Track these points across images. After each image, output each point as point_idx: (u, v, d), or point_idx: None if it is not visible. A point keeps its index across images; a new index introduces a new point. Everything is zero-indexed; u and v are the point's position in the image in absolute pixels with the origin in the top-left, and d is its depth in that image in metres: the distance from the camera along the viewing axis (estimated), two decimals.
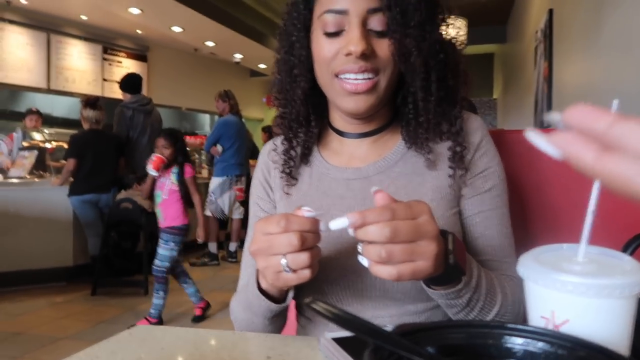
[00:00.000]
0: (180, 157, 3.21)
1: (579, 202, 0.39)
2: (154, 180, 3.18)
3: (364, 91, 0.70)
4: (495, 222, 0.75)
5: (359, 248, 0.55)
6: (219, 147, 4.93)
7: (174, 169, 3.17)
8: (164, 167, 3.14)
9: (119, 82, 4.62)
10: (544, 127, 3.93)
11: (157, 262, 3.10)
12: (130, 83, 4.52)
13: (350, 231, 0.54)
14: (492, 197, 0.76)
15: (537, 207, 0.91)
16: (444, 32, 0.74)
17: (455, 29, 0.77)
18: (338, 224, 0.54)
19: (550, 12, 3.76)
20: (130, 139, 4.40)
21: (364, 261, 0.55)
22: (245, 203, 3.74)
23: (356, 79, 0.69)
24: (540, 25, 4.11)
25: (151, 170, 3.08)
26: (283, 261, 0.57)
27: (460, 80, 0.75)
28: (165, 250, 3.11)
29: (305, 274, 0.57)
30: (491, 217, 0.75)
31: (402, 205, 0.54)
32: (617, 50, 2.28)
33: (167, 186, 3.14)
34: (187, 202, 3.22)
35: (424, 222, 0.55)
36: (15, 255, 3.96)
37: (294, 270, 0.57)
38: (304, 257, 0.56)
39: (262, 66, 8.94)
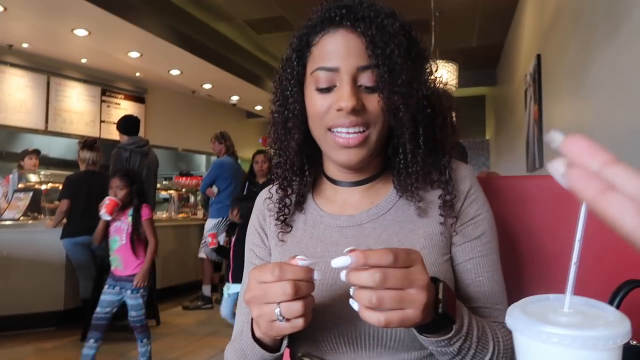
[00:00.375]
0: (136, 198, 3.06)
1: (570, 248, 0.40)
2: (107, 225, 3.03)
3: (356, 145, 0.72)
4: (486, 268, 0.76)
5: (351, 291, 0.56)
6: (215, 189, 4.95)
7: (130, 212, 3.03)
8: (120, 209, 3.00)
9: (116, 124, 4.66)
10: (535, 169, 3.98)
11: (132, 313, 2.94)
12: (128, 125, 4.57)
13: (343, 275, 0.55)
14: (483, 243, 0.77)
15: (528, 253, 0.91)
16: (432, 85, 0.77)
17: (447, 73, 0.80)
18: (340, 262, 0.55)
19: (538, 57, 3.88)
20: None
21: (354, 305, 0.56)
22: (217, 249, 3.71)
23: (348, 133, 0.72)
24: (529, 70, 4.23)
25: (104, 214, 2.91)
26: (277, 310, 0.57)
27: (448, 132, 0.78)
28: (135, 300, 2.95)
29: (299, 323, 0.58)
30: (482, 264, 0.76)
31: (402, 251, 0.56)
32: (605, 93, 2.34)
33: (124, 230, 2.99)
34: (144, 246, 3.06)
35: (415, 270, 0.56)
36: (5, 299, 3.88)
37: (288, 319, 0.57)
38: (297, 306, 0.56)
39: (258, 108, 9.08)
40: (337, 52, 0.72)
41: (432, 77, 0.78)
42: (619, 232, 0.30)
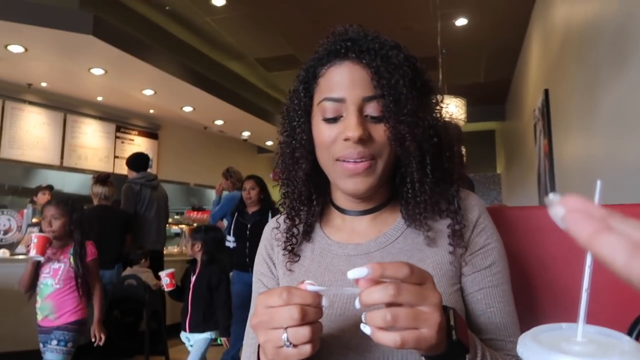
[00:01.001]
0: (78, 232, 2.49)
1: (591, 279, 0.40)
2: (38, 266, 2.47)
3: (363, 173, 0.73)
4: (497, 299, 0.75)
5: (363, 317, 0.55)
6: (225, 222, 4.96)
7: (71, 250, 2.48)
8: (61, 245, 2.48)
9: (126, 160, 4.77)
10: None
11: None
12: (137, 161, 4.67)
13: (357, 303, 0.54)
14: (493, 273, 0.76)
15: (541, 284, 0.90)
16: (438, 115, 0.78)
17: (455, 108, 0.82)
18: (356, 272, 0.54)
19: (546, 92, 3.91)
20: (137, 214, 4.46)
21: (366, 329, 0.54)
22: (173, 293, 3.30)
23: (355, 162, 0.72)
24: (538, 104, 4.26)
25: (34, 254, 2.37)
26: (284, 336, 0.55)
27: (456, 161, 0.78)
28: (59, 355, 2.43)
29: (306, 350, 0.56)
30: (492, 294, 0.75)
31: (416, 267, 0.55)
32: (615, 127, 2.34)
33: (62, 272, 2.46)
34: (85, 291, 2.52)
35: (428, 288, 0.55)
36: (16, 335, 3.87)
37: (295, 345, 0.56)
38: (304, 332, 0.55)
39: (269, 143, 9.19)
40: (343, 83, 0.73)
41: (438, 107, 0.79)
42: (612, 271, 0.31)
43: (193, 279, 3.17)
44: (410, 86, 0.72)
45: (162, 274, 3.27)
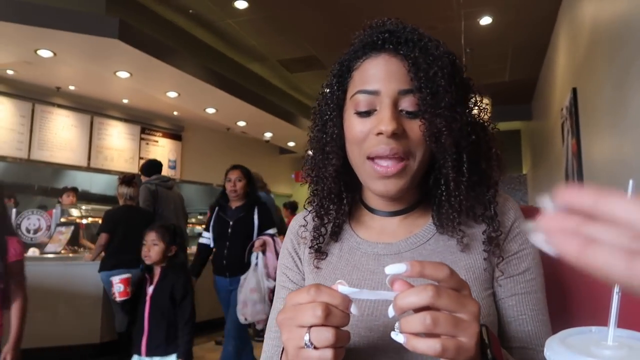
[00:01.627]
0: None
1: None
2: None
3: (394, 174, 0.69)
4: (529, 306, 0.72)
5: (396, 326, 0.51)
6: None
7: None
8: None
9: (140, 167, 4.96)
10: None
11: None
12: (150, 167, 4.81)
13: (390, 311, 0.51)
14: (526, 280, 0.73)
15: (570, 288, 0.88)
16: (476, 114, 0.75)
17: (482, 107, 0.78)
18: (394, 268, 0.51)
19: (574, 90, 3.82)
20: (157, 213, 4.55)
21: (399, 338, 0.50)
22: (126, 304, 2.65)
23: (387, 161, 0.69)
24: (565, 103, 4.16)
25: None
26: (306, 336, 0.52)
27: (494, 164, 0.74)
28: None
29: (327, 355, 0.52)
30: (525, 302, 0.72)
31: (455, 272, 0.52)
32: None
33: None
34: (3, 298, 1.94)
35: (466, 296, 0.52)
36: (45, 331, 3.97)
37: (316, 348, 0.52)
38: (327, 334, 0.51)
39: (291, 144, 9.22)
40: (378, 75, 0.70)
41: (477, 107, 0.75)
42: (611, 280, 0.30)
43: (150, 289, 2.54)
44: (449, 79, 0.68)
45: (115, 279, 2.68)
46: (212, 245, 3.59)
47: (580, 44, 3.71)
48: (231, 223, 3.47)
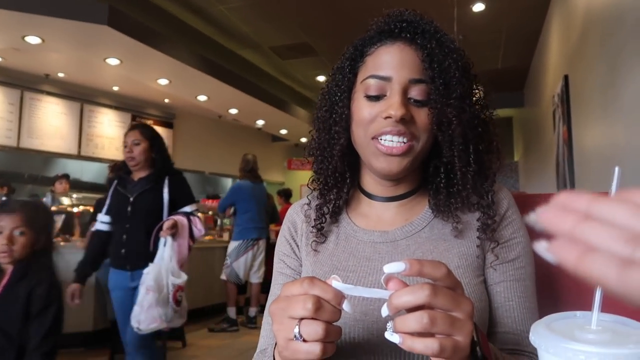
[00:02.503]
0: None
1: None
2: None
3: (399, 154, 0.72)
4: (517, 293, 0.74)
5: (389, 326, 0.51)
6: (231, 210, 5.04)
7: None
8: None
9: None
10: (565, 188, 3.88)
11: None
12: None
13: (384, 310, 0.51)
14: (516, 268, 0.75)
15: (562, 273, 0.89)
16: (479, 108, 0.78)
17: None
18: (393, 267, 0.50)
19: (566, 77, 3.83)
20: None
21: (394, 338, 0.50)
22: None
23: (392, 141, 0.71)
24: (557, 90, 4.18)
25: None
26: (296, 328, 0.53)
27: (494, 157, 0.77)
28: None
29: (315, 349, 0.52)
30: (513, 288, 0.74)
31: (450, 271, 0.52)
32: (637, 114, 2.29)
33: None
34: None
35: (461, 294, 0.52)
36: None
37: (305, 340, 0.52)
38: (317, 328, 0.52)
39: (283, 132, 9.19)
40: (391, 62, 0.72)
41: (483, 101, 0.79)
42: (606, 289, 0.31)
43: None
44: (462, 72, 0.72)
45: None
46: (105, 230, 2.79)
47: (573, 32, 3.71)
48: (131, 199, 2.64)
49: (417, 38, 0.72)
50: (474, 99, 0.77)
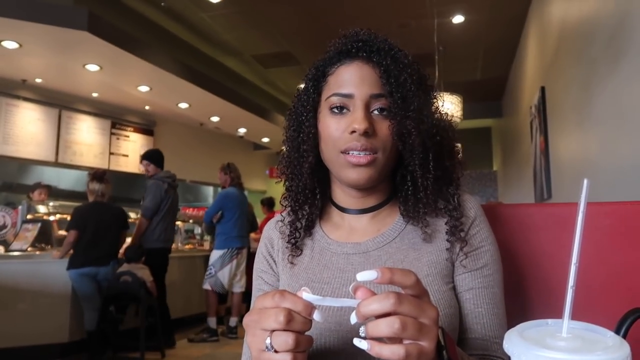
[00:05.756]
0: None
1: (576, 275, 0.40)
2: None
3: (365, 164, 0.75)
4: (486, 300, 0.76)
5: (361, 331, 0.53)
6: (217, 216, 5.00)
7: None
8: None
9: (145, 154, 4.87)
10: (544, 199, 3.96)
11: None
12: (160, 158, 4.79)
13: (352, 317, 0.53)
14: (484, 275, 0.77)
15: (533, 281, 0.91)
16: (438, 116, 0.82)
17: (451, 105, 0.86)
18: (366, 275, 0.53)
19: (543, 89, 3.92)
20: (159, 212, 4.53)
21: (362, 344, 0.52)
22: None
23: (359, 154, 0.75)
24: (534, 101, 4.27)
25: None
26: (267, 339, 0.55)
27: (456, 162, 0.82)
28: None
29: (286, 359, 0.54)
30: (481, 295, 0.76)
31: (419, 279, 0.55)
32: (610, 124, 2.35)
33: None
34: None
35: (426, 301, 0.55)
36: (10, 331, 3.86)
37: (276, 351, 0.55)
38: (287, 339, 0.54)
39: (265, 140, 9.18)
40: (352, 80, 0.77)
41: (439, 110, 0.82)
42: None
43: None
44: (417, 85, 0.76)
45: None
46: None
47: (549, 44, 3.81)
48: None
49: (373, 56, 0.77)
50: (433, 107, 0.81)
